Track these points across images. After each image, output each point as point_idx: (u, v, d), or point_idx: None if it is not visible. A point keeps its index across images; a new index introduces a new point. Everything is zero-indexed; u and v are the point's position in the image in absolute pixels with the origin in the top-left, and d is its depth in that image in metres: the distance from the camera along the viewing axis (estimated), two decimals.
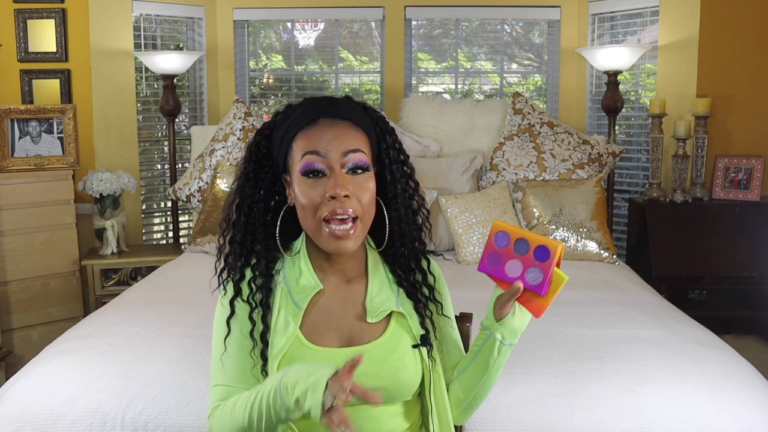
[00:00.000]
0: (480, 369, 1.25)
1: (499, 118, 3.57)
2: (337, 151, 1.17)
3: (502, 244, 1.21)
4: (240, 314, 1.23)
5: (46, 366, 1.88)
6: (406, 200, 1.27)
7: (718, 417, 1.67)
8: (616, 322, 2.20)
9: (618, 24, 3.89)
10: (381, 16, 4.00)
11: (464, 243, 3.07)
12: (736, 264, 3.22)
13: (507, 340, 1.22)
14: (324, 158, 1.17)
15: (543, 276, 1.17)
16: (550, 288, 1.18)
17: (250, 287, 1.23)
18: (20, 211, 3.23)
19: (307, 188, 1.18)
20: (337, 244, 1.17)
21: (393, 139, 1.27)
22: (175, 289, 2.58)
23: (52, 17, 3.61)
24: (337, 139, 1.18)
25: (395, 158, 1.26)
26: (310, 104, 1.23)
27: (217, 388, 1.22)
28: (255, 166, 1.25)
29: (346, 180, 1.16)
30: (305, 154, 1.18)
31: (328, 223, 1.16)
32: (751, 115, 3.50)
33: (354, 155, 1.18)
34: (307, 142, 1.19)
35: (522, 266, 1.18)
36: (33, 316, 3.29)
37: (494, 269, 1.21)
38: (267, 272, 1.24)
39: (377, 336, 1.23)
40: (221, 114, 3.99)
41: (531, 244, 1.18)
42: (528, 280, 1.18)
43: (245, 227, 1.25)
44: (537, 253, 1.17)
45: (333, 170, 1.17)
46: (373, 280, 1.27)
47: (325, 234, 1.17)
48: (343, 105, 1.23)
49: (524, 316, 1.21)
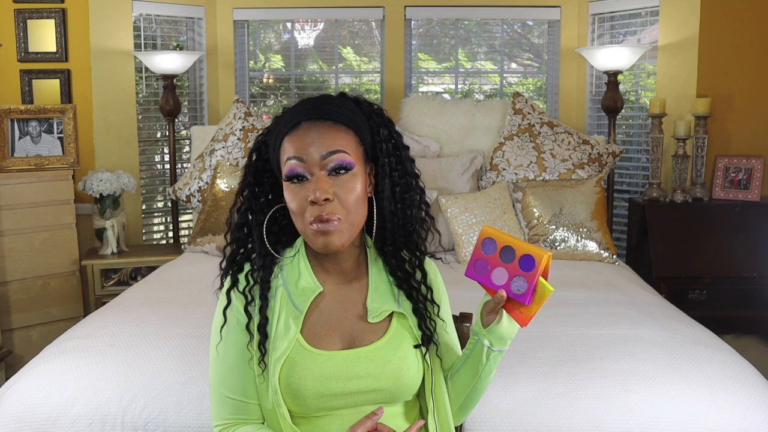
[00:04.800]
0: (471, 373, 1.25)
1: (499, 118, 3.57)
2: (316, 153, 1.16)
3: (489, 251, 1.20)
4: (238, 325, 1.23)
5: (46, 366, 1.88)
6: (398, 194, 1.24)
7: (718, 417, 1.67)
8: (616, 322, 2.20)
9: (618, 24, 3.89)
10: (381, 16, 4.00)
11: (464, 243, 3.07)
12: (736, 264, 3.22)
13: (495, 347, 1.21)
14: (304, 162, 1.16)
15: (527, 286, 1.15)
16: (535, 298, 1.16)
17: (248, 280, 1.23)
18: (20, 211, 3.23)
19: (292, 194, 1.18)
20: (324, 239, 1.16)
21: (388, 131, 1.24)
22: (175, 289, 2.58)
23: (52, 17, 3.61)
24: (317, 142, 1.17)
25: (388, 151, 1.23)
26: (295, 108, 1.22)
27: (224, 399, 1.21)
28: (254, 170, 1.26)
29: (325, 184, 1.15)
30: (288, 159, 1.18)
31: (312, 225, 1.16)
32: (751, 115, 3.50)
33: (334, 156, 1.16)
34: (290, 146, 1.18)
35: (507, 274, 1.17)
36: (33, 316, 3.29)
37: (481, 276, 1.20)
38: (267, 269, 1.24)
39: (379, 337, 1.23)
40: (221, 114, 3.99)
41: (517, 252, 1.17)
42: (513, 289, 1.16)
43: (246, 231, 1.25)
44: (522, 262, 1.16)
45: (314, 174, 1.16)
46: (373, 280, 1.27)
47: (311, 232, 1.17)
48: (326, 105, 1.21)
49: (512, 323, 1.20)
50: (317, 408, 1.18)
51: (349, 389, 1.18)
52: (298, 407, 1.19)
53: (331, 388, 1.17)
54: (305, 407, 1.18)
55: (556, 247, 3.07)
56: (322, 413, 1.20)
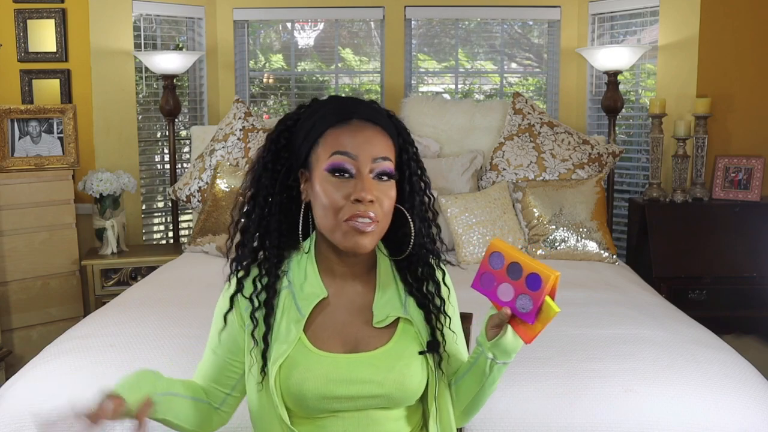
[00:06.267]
0: (474, 382, 1.25)
1: (499, 118, 3.57)
2: (367, 155, 1.16)
3: (496, 266, 1.17)
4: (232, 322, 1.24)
5: (46, 366, 1.88)
6: (423, 212, 1.26)
7: (718, 417, 1.67)
8: (616, 322, 2.20)
9: (618, 24, 3.89)
10: (381, 16, 4.00)
11: (464, 243, 3.07)
12: (736, 264, 3.22)
13: (499, 359, 1.21)
14: (354, 160, 1.16)
15: (532, 305, 1.13)
16: (540, 318, 1.14)
17: (255, 285, 1.22)
18: (20, 211, 3.23)
19: (332, 187, 1.16)
20: (356, 239, 1.15)
21: (414, 150, 1.27)
22: (175, 289, 2.58)
23: (52, 17, 3.61)
24: (369, 143, 1.17)
25: (415, 170, 1.26)
26: (343, 102, 1.22)
27: (198, 370, 1.31)
28: (273, 156, 1.24)
29: (372, 185, 1.15)
30: (334, 153, 1.16)
31: (348, 221, 1.15)
32: (751, 115, 3.50)
33: (383, 163, 1.17)
34: (337, 140, 1.17)
35: (513, 292, 1.15)
36: (33, 316, 3.29)
37: (487, 290, 1.19)
38: (274, 270, 1.23)
39: (384, 342, 1.22)
40: (221, 114, 3.99)
41: (524, 270, 1.14)
42: (518, 307, 1.14)
43: (260, 219, 1.23)
44: (529, 281, 1.13)
45: (361, 173, 1.16)
46: (381, 285, 1.26)
47: (344, 230, 1.15)
48: (376, 110, 1.22)
49: (517, 338, 1.20)
50: (319, 409, 1.18)
51: (352, 393, 1.17)
52: (299, 408, 1.18)
53: (334, 390, 1.17)
54: (306, 408, 1.18)
55: (556, 247, 3.07)
56: (324, 414, 1.19)
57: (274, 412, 1.17)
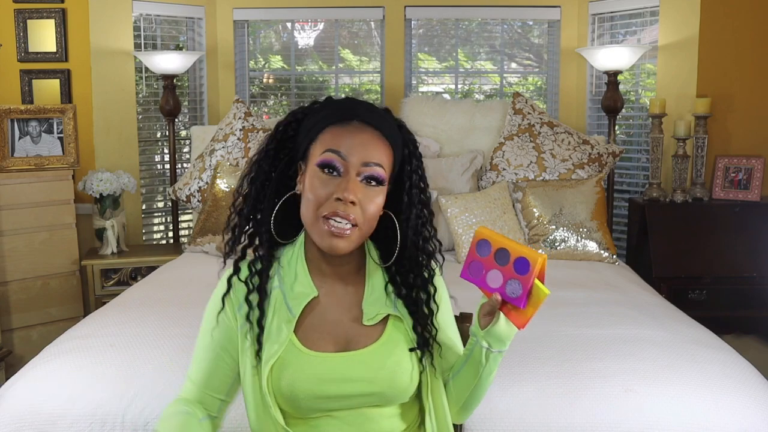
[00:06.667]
0: (471, 374, 1.25)
1: (499, 118, 3.57)
2: (359, 157, 1.17)
3: (483, 253, 1.17)
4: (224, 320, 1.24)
5: (46, 366, 1.88)
6: (418, 227, 1.25)
7: (718, 417, 1.67)
8: (616, 322, 2.20)
9: (618, 24, 3.89)
10: (381, 16, 4.00)
11: (464, 243, 3.07)
12: (736, 264, 3.22)
13: (494, 347, 1.20)
14: (344, 160, 1.17)
15: (522, 289, 1.13)
16: (531, 301, 1.13)
17: (250, 269, 1.23)
18: (20, 211, 3.23)
19: (319, 182, 1.17)
20: (330, 241, 1.16)
21: (418, 164, 1.27)
22: (175, 289, 2.58)
23: (52, 17, 3.61)
24: (364, 146, 1.18)
25: (416, 183, 1.26)
26: (350, 104, 1.23)
27: (189, 380, 1.25)
28: (277, 144, 1.25)
29: (357, 188, 1.16)
30: (327, 150, 1.17)
31: (327, 219, 1.16)
32: (751, 115, 3.50)
33: (374, 168, 1.17)
34: (333, 138, 1.18)
35: (502, 277, 1.15)
36: (33, 316, 3.29)
37: (476, 278, 1.19)
38: (265, 273, 1.23)
39: (374, 340, 1.22)
40: (221, 114, 3.99)
41: (512, 255, 1.14)
42: (508, 293, 1.14)
43: (255, 202, 1.24)
44: (517, 265, 1.13)
45: (348, 174, 1.16)
46: (370, 283, 1.26)
47: (321, 229, 1.16)
48: (379, 114, 1.23)
49: (510, 325, 1.19)
50: (312, 409, 1.18)
51: (344, 392, 1.18)
52: (292, 409, 1.19)
53: (326, 390, 1.17)
54: (299, 408, 1.18)
55: (556, 247, 3.07)
56: (318, 414, 1.19)
57: (269, 413, 1.18)
